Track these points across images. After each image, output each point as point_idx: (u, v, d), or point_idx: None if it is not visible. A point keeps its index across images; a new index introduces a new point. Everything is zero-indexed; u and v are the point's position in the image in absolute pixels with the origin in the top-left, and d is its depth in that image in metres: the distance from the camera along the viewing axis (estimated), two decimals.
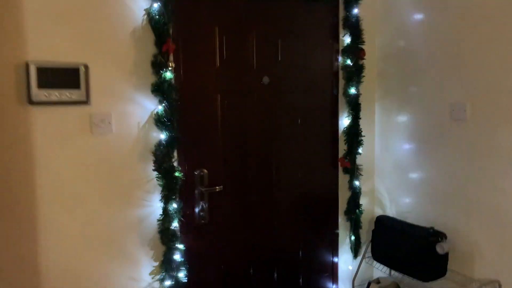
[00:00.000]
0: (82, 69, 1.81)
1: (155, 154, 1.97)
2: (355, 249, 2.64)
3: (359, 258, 2.65)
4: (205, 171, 2.17)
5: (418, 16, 2.36)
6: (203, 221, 2.19)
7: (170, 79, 1.96)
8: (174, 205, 1.99)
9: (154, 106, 1.98)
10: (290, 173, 2.47)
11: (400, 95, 2.52)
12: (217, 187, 2.19)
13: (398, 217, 2.49)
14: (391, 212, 2.62)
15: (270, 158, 2.40)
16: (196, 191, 2.17)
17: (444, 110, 2.24)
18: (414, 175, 2.46)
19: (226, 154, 2.26)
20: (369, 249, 2.54)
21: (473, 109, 2.10)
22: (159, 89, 1.94)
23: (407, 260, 2.26)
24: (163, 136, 1.97)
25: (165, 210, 1.99)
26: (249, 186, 2.34)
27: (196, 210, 2.18)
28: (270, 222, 2.43)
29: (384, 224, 2.45)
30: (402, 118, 2.52)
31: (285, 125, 2.43)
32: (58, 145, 1.81)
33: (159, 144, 1.97)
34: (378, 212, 2.71)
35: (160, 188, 1.99)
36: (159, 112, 1.96)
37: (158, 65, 1.93)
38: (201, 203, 2.18)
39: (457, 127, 2.18)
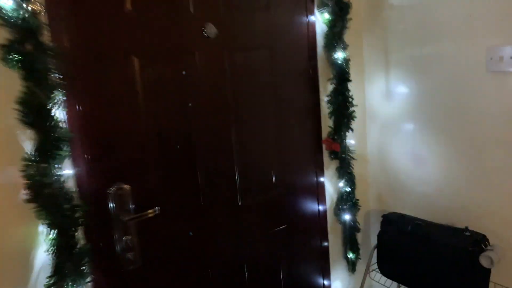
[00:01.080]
0: None
1: (26, 173, 1.08)
2: (353, 262, 1.95)
3: (359, 274, 1.95)
4: (126, 186, 1.32)
5: None
6: (132, 266, 1.35)
7: (37, 30, 1.06)
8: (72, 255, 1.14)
9: (17, 86, 1.08)
10: (260, 171, 1.68)
11: (406, 42, 1.77)
12: (149, 211, 1.35)
13: (410, 214, 1.81)
14: (396, 207, 1.93)
15: (229, 152, 1.58)
16: (113, 222, 1.32)
17: (478, 60, 1.53)
18: (428, 151, 1.77)
19: (158, 154, 1.40)
20: (374, 256, 1.86)
21: None
22: (16, 52, 1.04)
23: (433, 275, 1.61)
24: (35, 140, 1.08)
25: (57, 268, 1.13)
26: (201, 199, 1.52)
27: (118, 250, 1.33)
28: (236, 245, 1.64)
29: (395, 225, 1.76)
30: (410, 77, 1.80)
31: (246, 100, 1.60)
32: None
33: (31, 155, 1.09)
34: (377, 207, 2.03)
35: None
36: (24, 97, 1.07)
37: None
38: (125, 238, 1.33)
39: (497, 80, 1.50)
